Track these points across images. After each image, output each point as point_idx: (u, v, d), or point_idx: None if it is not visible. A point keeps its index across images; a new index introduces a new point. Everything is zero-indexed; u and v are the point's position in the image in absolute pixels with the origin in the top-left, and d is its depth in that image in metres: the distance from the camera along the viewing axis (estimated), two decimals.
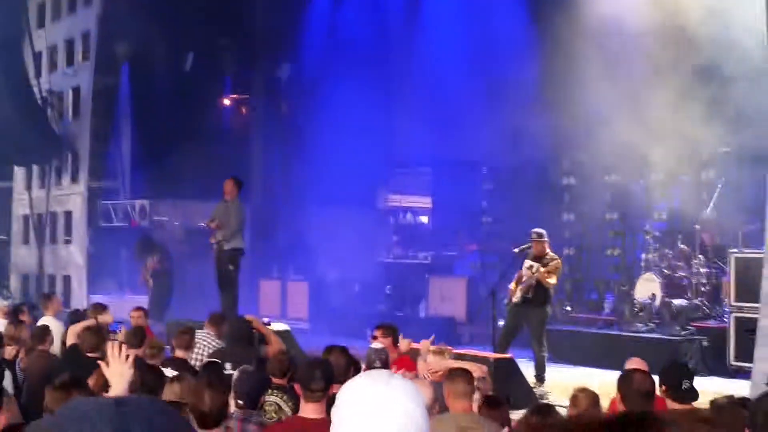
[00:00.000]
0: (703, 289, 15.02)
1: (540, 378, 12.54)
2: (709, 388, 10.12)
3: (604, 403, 6.82)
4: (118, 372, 4.80)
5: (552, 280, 12.61)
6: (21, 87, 24.66)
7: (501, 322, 13.47)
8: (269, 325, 12.92)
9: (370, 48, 22.88)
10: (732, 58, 14.30)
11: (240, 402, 6.36)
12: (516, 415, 6.84)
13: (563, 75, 16.83)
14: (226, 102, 26.43)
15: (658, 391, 5.87)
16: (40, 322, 10.95)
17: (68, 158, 25.95)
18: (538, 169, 19.61)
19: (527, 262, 12.80)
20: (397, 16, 23.18)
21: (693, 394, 5.88)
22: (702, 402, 5.96)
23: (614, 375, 7.14)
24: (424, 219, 26.87)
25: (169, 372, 8.48)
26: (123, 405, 1.81)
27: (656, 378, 6.01)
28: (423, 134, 22.24)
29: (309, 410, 5.45)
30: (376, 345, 7.98)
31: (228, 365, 8.72)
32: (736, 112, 15.00)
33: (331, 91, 23.04)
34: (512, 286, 12.86)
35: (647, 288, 15.33)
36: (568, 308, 17.38)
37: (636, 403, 5.49)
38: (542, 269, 12.50)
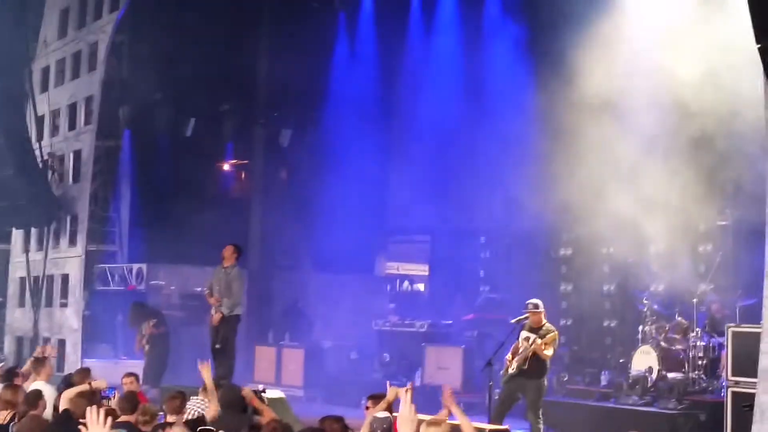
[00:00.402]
0: (700, 362, 14.95)
1: None
2: None
3: None
4: None
5: (549, 352, 12.56)
6: (22, 149, 24.76)
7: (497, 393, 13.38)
8: (264, 392, 12.86)
9: (371, 115, 23.11)
10: (730, 131, 14.41)
11: None
12: None
13: (563, 147, 16.96)
14: (226, 167, 26.57)
15: None
16: (31, 387, 10.89)
17: (67, 221, 25.99)
18: (536, 240, 19.66)
19: (524, 333, 12.78)
20: (398, 85, 23.42)
21: None
22: None
23: None
24: (421, 287, 26.87)
25: None
26: None
27: None
28: (422, 202, 22.37)
29: None
30: (381, 414, 7.92)
31: None
32: (734, 186, 15.08)
33: (331, 158, 23.22)
34: (509, 357, 12.83)
35: (644, 360, 15.26)
36: (565, 379, 17.28)
37: None
38: (539, 341, 12.46)
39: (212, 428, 8.27)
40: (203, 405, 10.17)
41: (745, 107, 13.45)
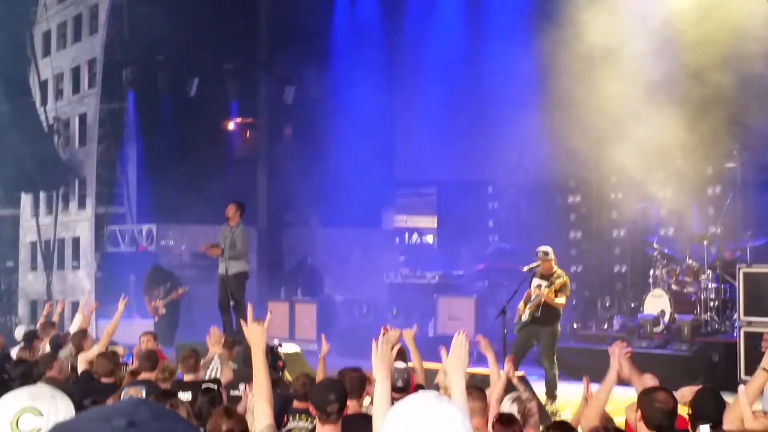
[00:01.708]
0: (711, 304, 15.02)
1: (551, 396, 12.55)
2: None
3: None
4: None
5: (560, 300, 12.63)
6: (27, 115, 24.79)
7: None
8: (280, 346, 12.95)
9: (374, 70, 23.02)
10: (734, 66, 14.37)
11: None
12: None
13: (568, 95, 16.90)
14: (231, 126, 26.54)
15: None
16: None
17: (75, 185, 26.06)
18: (544, 188, 19.68)
19: (535, 281, 12.85)
20: (402, 38, 23.30)
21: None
22: None
23: (624, 391, 7.16)
24: (430, 239, 26.92)
25: (182, 396, 8.51)
26: (135, 425, 1.82)
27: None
28: (428, 155, 22.34)
29: None
30: (399, 364, 7.99)
31: (242, 386, 8.76)
32: (742, 126, 15.05)
33: (335, 114, 23.17)
34: (521, 305, 12.91)
35: (656, 304, 15.33)
36: (578, 326, 17.38)
37: (658, 422, 5.47)
38: (548, 289, 12.52)
39: (212, 386, 8.31)
40: (224, 361, 10.25)
41: (750, 35, 13.43)
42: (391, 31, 23.39)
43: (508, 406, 6.84)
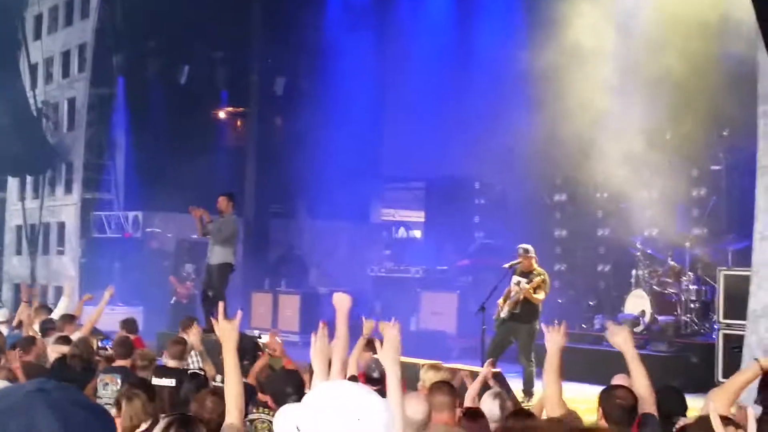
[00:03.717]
0: (692, 306, 15.08)
1: (528, 392, 12.58)
2: (698, 405, 10.14)
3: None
4: None
5: (539, 296, 12.66)
6: (16, 98, 24.73)
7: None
8: (260, 338, 12.96)
9: (365, 63, 23.01)
10: (721, 71, 14.41)
11: None
12: None
13: (555, 93, 16.94)
14: (222, 115, 26.51)
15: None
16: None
17: (62, 169, 26.02)
18: (531, 186, 19.70)
19: (515, 278, 12.88)
20: (392, 31, 23.30)
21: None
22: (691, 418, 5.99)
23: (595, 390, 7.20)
24: (418, 233, 26.96)
25: (163, 381, 8.49)
26: (43, 391, 1.96)
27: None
28: (417, 149, 22.34)
29: None
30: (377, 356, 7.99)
31: (219, 377, 8.76)
32: (730, 128, 15.09)
33: (325, 106, 23.16)
34: (500, 301, 12.94)
35: (637, 304, 15.38)
36: (557, 323, 17.39)
37: (618, 419, 5.52)
38: (528, 285, 12.57)
39: (200, 372, 8.32)
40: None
41: (737, 42, 13.48)
42: (382, 25, 23.39)
43: (490, 402, 6.91)
